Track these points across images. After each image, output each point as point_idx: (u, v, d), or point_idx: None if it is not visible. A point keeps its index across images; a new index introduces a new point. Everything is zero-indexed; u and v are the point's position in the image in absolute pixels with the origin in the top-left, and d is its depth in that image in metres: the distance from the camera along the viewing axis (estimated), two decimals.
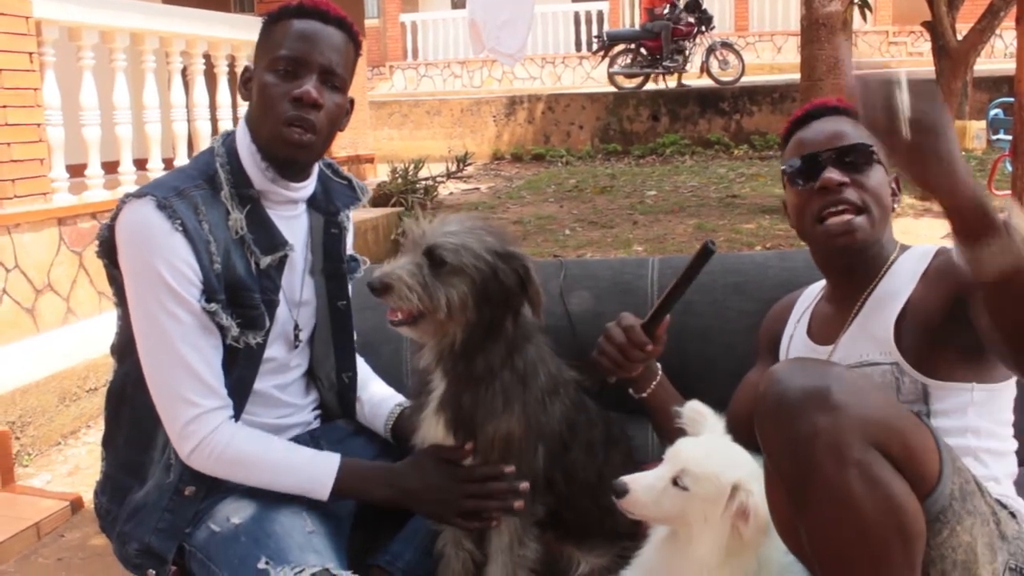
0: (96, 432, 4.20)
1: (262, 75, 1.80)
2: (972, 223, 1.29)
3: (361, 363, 2.18)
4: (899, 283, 1.71)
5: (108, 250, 1.80)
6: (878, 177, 1.74)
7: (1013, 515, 1.54)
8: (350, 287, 2.08)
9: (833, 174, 1.71)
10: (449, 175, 10.97)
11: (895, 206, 1.80)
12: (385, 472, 1.84)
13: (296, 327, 1.94)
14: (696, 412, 1.69)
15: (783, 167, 1.84)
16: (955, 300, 1.54)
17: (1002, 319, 1.35)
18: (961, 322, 1.49)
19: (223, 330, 1.76)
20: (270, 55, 1.79)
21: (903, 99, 1.24)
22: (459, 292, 1.68)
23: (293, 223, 1.92)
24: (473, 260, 1.69)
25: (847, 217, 1.70)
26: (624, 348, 1.88)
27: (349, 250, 2.07)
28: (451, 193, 10.89)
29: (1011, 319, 1.33)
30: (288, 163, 1.84)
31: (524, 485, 1.76)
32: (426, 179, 10.17)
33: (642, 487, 1.58)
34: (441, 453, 1.81)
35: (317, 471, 1.80)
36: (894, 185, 1.81)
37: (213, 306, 1.74)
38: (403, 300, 1.67)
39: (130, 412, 1.85)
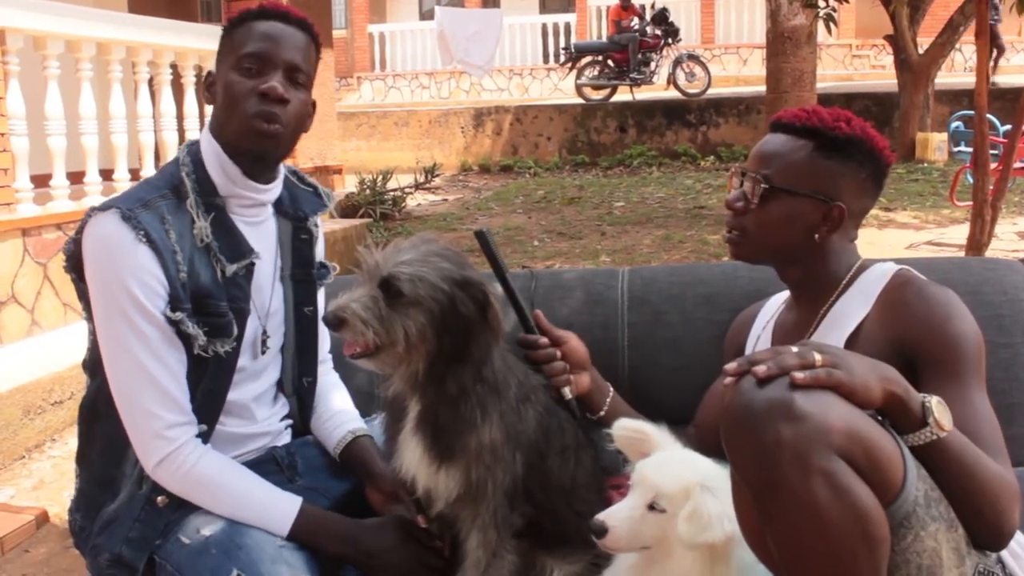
0: (62, 446, 4.15)
1: (227, 74, 1.81)
2: (893, 415, 1.42)
3: (334, 376, 2.18)
4: (854, 304, 1.73)
5: (75, 264, 1.79)
6: (775, 211, 1.74)
7: None
8: (321, 294, 2.08)
9: (735, 194, 1.81)
10: (417, 186, 10.99)
11: (816, 237, 1.74)
12: (344, 527, 1.83)
13: (264, 334, 1.94)
14: (630, 431, 1.65)
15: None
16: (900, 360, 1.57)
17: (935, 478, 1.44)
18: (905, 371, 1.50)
19: (189, 339, 1.75)
20: (234, 55, 1.81)
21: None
22: (417, 324, 1.65)
23: (261, 229, 1.92)
24: (430, 291, 1.65)
25: (728, 234, 1.83)
26: (529, 358, 1.92)
27: (320, 257, 2.07)
28: (419, 204, 10.89)
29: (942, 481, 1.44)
30: (258, 157, 1.84)
31: None
32: (394, 190, 10.19)
33: (620, 521, 1.54)
34: (408, 527, 1.83)
35: (278, 510, 1.79)
36: (835, 214, 1.74)
37: (178, 315, 1.73)
38: (358, 334, 1.64)
39: (103, 426, 1.84)
